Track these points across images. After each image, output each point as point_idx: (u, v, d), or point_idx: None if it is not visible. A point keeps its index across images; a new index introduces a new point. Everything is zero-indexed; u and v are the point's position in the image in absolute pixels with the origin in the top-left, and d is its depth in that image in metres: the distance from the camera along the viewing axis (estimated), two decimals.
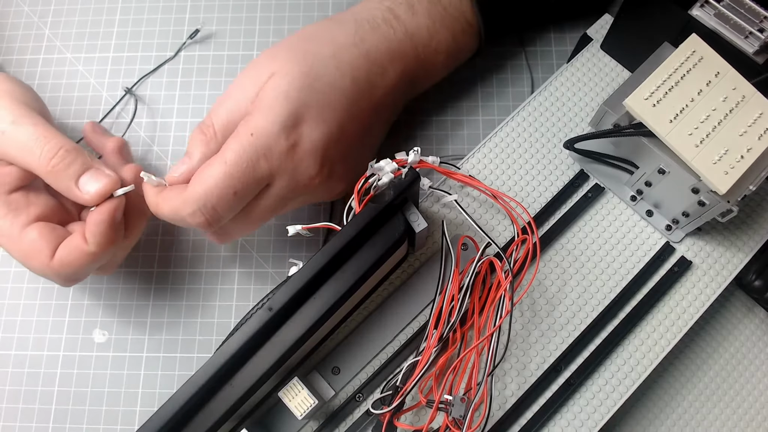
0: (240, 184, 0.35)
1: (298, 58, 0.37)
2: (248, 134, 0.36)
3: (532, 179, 0.41)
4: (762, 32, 0.35)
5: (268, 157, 0.36)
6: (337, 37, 0.39)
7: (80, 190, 0.37)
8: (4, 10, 0.53)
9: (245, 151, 0.35)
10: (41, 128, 0.37)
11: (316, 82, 0.37)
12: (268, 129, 0.36)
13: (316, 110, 0.37)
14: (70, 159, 0.37)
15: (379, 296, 0.38)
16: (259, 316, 0.31)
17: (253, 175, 0.36)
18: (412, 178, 0.33)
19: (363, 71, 0.39)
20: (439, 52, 0.43)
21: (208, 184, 0.35)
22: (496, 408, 0.36)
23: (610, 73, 0.43)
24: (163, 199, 0.37)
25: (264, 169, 0.36)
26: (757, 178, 0.34)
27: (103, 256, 0.37)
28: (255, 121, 0.36)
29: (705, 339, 0.42)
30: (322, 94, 0.37)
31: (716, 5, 0.36)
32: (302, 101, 0.36)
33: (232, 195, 0.35)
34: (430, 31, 0.42)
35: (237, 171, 0.35)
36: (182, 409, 0.30)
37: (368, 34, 0.40)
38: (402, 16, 0.41)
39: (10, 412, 0.43)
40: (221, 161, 0.35)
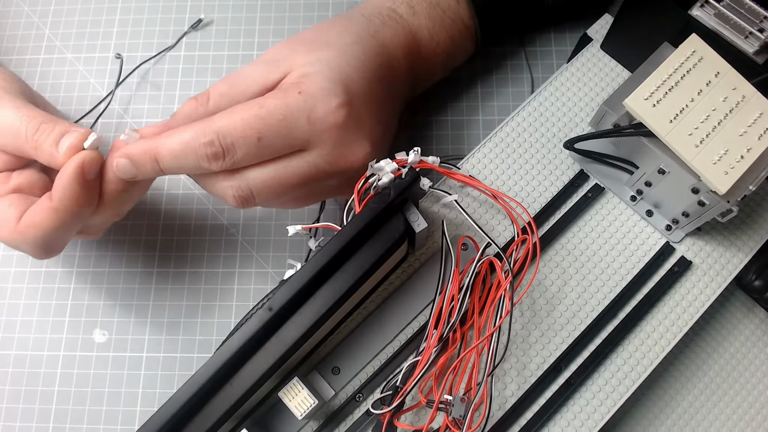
0: (270, 132, 0.33)
1: (322, 46, 0.37)
2: (296, 91, 0.34)
3: (532, 179, 0.41)
4: (762, 32, 0.35)
5: (312, 119, 0.34)
6: (353, 28, 0.39)
7: (58, 153, 0.35)
8: (4, 10, 0.53)
9: (287, 104, 0.34)
10: (23, 109, 0.36)
11: (350, 61, 0.36)
12: (318, 92, 0.34)
13: (360, 84, 0.36)
14: (50, 128, 0.35)
15: (379, 296, 0.38)
16: (259, 316, 0.31)
17: (287, 131, 0.34)
18: (412, 178, 0.33)
19: (383, 58, 0.39)
20: (438, 54, 0.43)
21: (233, 117, 0.33)
22: (496, 408, 0.36)
23: (610, 73, 0.43)
24: (168, 135, 0.34)
25: (303, 129, 0.34)
26: (757, 178, 0.34)
27: (71, 217, 0.35)
28: (303, 84, 0.34)
29: (705, 339, 0.42)
30: (361, 72, 0.36)
31: (716, 5, 0.36)
32: (346, 74, 0.35)
33: (256, 139, 0.33)
34: (430, 32, 0.42)
35: (270, 118, 0.33)
36: (182, 409, 0.30)
37: (379, 28, 0.40)
38: (404, 15, 0.42)
39: (10, 412, 0.43)
40: (256, 104, 0.34)
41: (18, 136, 0.35)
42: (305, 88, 0.34)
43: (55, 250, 0.37)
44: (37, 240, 0.35)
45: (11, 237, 0.35)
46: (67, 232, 0.36)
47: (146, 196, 0.48)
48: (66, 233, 0.36)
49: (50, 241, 0.36)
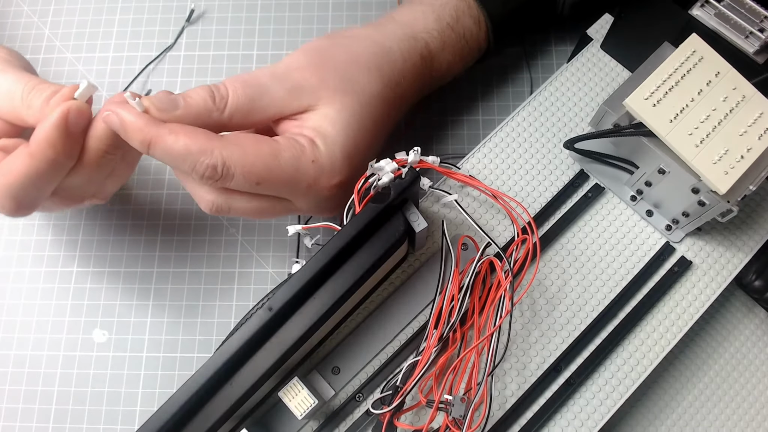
0: (271, 182, 0.34)
1: (349, 92, 0.37)
2: (310, 159, 0.35)
3: (532, 179, 0.41)
4: (762, 32, 0.35)
5: (311, 187, 0.36)
6: (384, 70, 0.39)
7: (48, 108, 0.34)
8: (4, 10, 0.53)
9: (297, 169, 0.35)
10: (23, 75, 0.36)
11: (366, 124, 0.37)
12: (326, 166, 0.35)
13: (362, 154, 0.37)
14: (43, 88, 0.35)
15: (379, 296, 0.38)
16: (259, 316, 0.31)
17: (287, 188, 0.35)
18: (412, 178, 0.33)
19: (396, 109, 0.40)
20: (447, 78, 0.44)
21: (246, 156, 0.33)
22: (496, 408, 0.36)
23: (610, 73, 0.43)
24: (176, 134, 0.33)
25: (300, 192, 0.36)
26: (757, 178, 0.34)
27: (47, 165, 0.33)
28: (320, 153, 0.35)
29: (705, 339, 0.42)
30: (370, 137, 0.38)
31: (716, 5, 0.36)
32: (355, 147, 0.37)
33: (255, 182, 0.34)
34: (450, 64, 0.43)
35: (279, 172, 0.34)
36: (182, 409, 0.30)
37: (408, 72, 0.40)
38: (434, 51, 0.42)
39: (10, 412, 0.43)
40: (271, 153, 0.34)
41: (14, 98, 0.35)
42: (317, 157, 0.35)
43: (26, 205, 0.35)
44: (8, 189, 0.34)
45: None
46: (41, 185, 0.34)
47: (146, 196, 0.48)
48: (39, 186, 0.34)
49: (22, 192, 0.34)
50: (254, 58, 0.51)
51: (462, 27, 0.42)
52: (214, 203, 0.36)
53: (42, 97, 0.34)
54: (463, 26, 0.42)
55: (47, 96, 0.34)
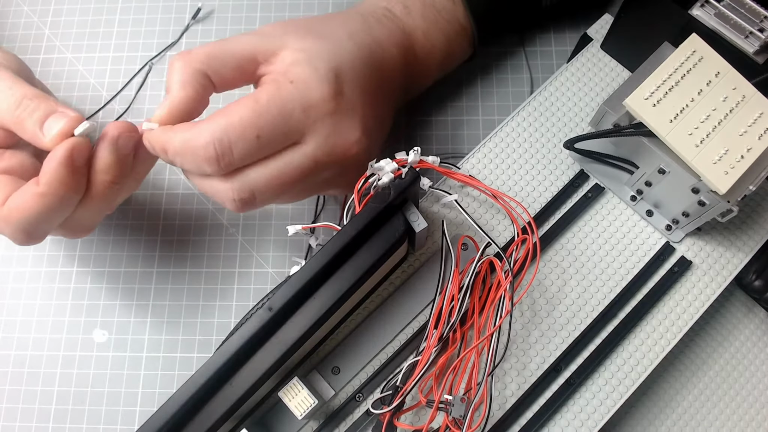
0: (267, 127, 0.33)
1: (316, 36, 0.37)
2: (287, 81, 0.34)
3: (532, 179, 0.41)
4: (762, 32, 0.35)
5: (305, 108, 0.34)
6: (348, 23, 0.39)
7: (44, 135, 0.34)
8: (4, 10, 0.53)
9: (281, 96, 0.33)
10: (7, 81, 0.35)
11: (343, 53, 0.36)
12: (310, 80, 0.34)
13: (351, 75, 0.36)
14: (34, 106, 0.34)
15: (379, 296, 0.38)
16: (259, 316, 0.31)
17: (283, 123, 0.33)
18: (412, 178, 0.33)
19: (377, 54, 0.39)
20: (434, 54, 0.44)
21: (231, 118, 0.33)
22: (496, 408, 0.36)
23: (610, 73, 0.43)
24: (174, 130, 0.34)
25: (298, 120, 0.34)
26: (757, 178, 0.34)
27: (58, 202, 0.34)
28: (295, 72, 0.34)
29: (705, 339, 0.42)
30: (352, 64, 0.36)
31: (716, 5, 0.36)
32: (338, 64, 0.35)
33: (255, 138, 0.33)
34: (425, 32, 0.43)
35: (267, 113, 0.33)
36: (182, 409, 0.30)
37: (375, 25, 0.41)
38: (398, 15, 0.42)
39: (10, 412, 0.43)
40: (252, 99, 0.33)
41: (4, 109, 0.34)
42: (296, 77, 0.34)
43: (36, 236, 0.36)
44: (20, 224, 0.34)
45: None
46: (52, 219, 0.35)
47: (146, 196, 0.48)
48: (50, 220, 0.35)
49: (33, 227, 0.35)
50: None
51: None
52: (237, 192, 0.35)
53: (33, 118, 0.34)
54: None
55: (39, 117, 0.34)
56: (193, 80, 0.35)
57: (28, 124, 0.34)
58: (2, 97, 0.34)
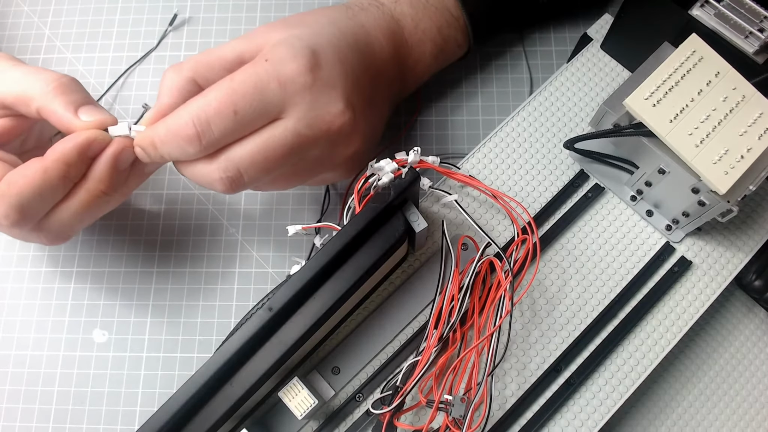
0: (243, 102, 0.33)
1: (298, 25, 0.37)
2: (263, 59, 0.34)
3: (532, 179, 0.41)
4: (762, 32, 0.35)
5: (281, 81, 0.34)
6: (330, 12, 0.40)
7: (77, 117, 0.35)
8: (4, 10, 0.53)
9: (256, 73, 0.34)
10: (38, 67, 0.37)
11: (323, 36, 0.37)
12: (285, 56, 0.34)
13: (330, 51, 0.36)
14: (73, 87, 0.36)
15: (379, 296, 0.38)
16: (259, 316, 0.31)
17: (260, 98, 0.34)
18: (412, 178, 0.33)
19: (362, 37, 0.40)
20: (425, 42, 0.43)
21: (207, 97, 0.34)
22: (496, 408, 0.36)
23: (610, 73, 0.43)
24: (160, 121, 0.35)
25: (275, 94, 0.34)
26: (757, 178, 0.34)
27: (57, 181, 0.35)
28: (271, 51, 0.35)
29: (705, 339, 0.42)
30: (332, 44, 0.37)
31: (716, 5, 0.36)
32: (315, 43, 0.36)
33: (232, 113, 0.33)
34: (414, 19, 0.43)
35: (242, 88, 0.33)
36: (182, 409, 0.30)
37: (359, 13, 0.41)
38: (386, 2, 0.43)
39: (10, 412, 0.43)
40: (228, 78, 0.34)
41: (29, 83, 0.36)
42: (272, 55, 0.35)
43: (29, 216, 0.36)
44: (17, 198, 0.34)
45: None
46: (48, 197, 0.35)
47: (146, 196, 0.48)
48: (46, 198, 0.35)
49: (29, 203, 0.35)
50: None
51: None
52: (222, 171, 0.35)
53: (71, 98, 0.36)
54: None
55: (77, 100, 0.36)
56: (181, 87, 0.36)
57: (63, 100, 0.35)
58: (35, 76, 0.36)
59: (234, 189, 0.36)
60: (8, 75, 0.37)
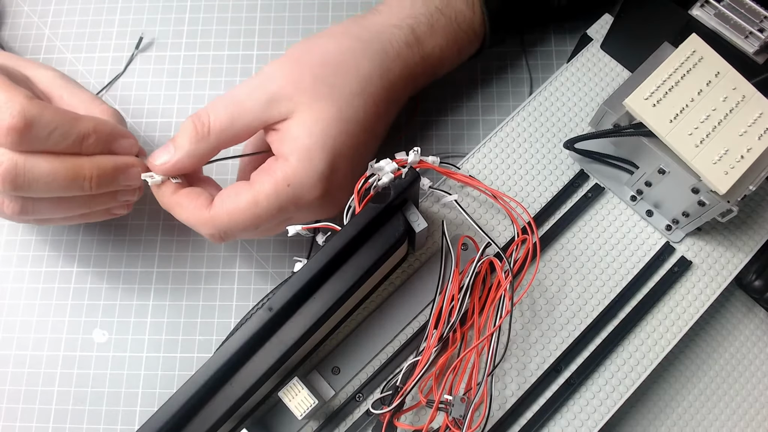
0: (265, 223, 0.37)
1: (325, 95, 0.37)
2: (285, 184, 0.36)
3: (532, 179, 0.41)
4: (762, 32, 0.35)
5: (298, 204, 0.37)
6: (363, 67, 0.38)
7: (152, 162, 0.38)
8: (4, 10, 0.53)
9: (279, 199, 0.36)
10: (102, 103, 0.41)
11: (348, 126, 0.37)
12: (306, 182, 0.36)
13: (347, 157, 0.37)
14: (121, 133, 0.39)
15: (379, 296, 0.38)
16: (259, 316, 0.31)
17: (278, 217, 0.37)
18: (412, 178, 0.33)
19: (384, 103, 0.40)
20: (444, 66, 0.44)
21: (233, 217, 0.36)
22: (496, 408, 0.36)
23: (610, 73, 0.43)
24: (179, 205, 0.38)
25: (291, 212, 0.37)
26: (757, 178, 0.34)
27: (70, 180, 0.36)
28: (294, 173, 0.36)
29: (705, 339, 0.42)
30: (355, 138, 0.38)
31: (716, 5, 0.36)
32: (337, 150, 0.37)
33: (254, 228, 0.37)
34: (443, 50, 0.42)
35: (266, 213, 0.36)
36: (182, 409, 0.30)
37: (393, 63, 0.40)
38: (421, 37, 0.41)
39: (10, 412, 0.43)
40: (252, 200, 0.36)
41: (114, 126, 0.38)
42: (293, 176, 0.36)
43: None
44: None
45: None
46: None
47: (146, 196, 0.47)
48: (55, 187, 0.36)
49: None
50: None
51: (453, 10, 0.42)
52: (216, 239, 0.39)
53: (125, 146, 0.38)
54: (454, 10, 0.42)
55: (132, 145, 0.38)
56: (203, 154, 0.37)
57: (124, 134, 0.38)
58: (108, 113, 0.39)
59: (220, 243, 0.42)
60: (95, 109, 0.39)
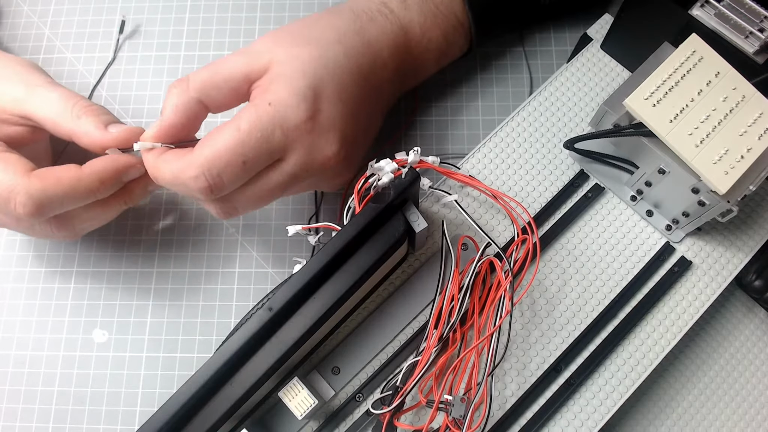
0: (252, 152, 0.34)
1: (304, 43, 0.37)
2: (266, 103, 0.34)
3: (532, 179, 0.41)
4: (762, 32, 0.35)
5: (284, 128, 0.35)
6: (338, 24, 0.39)
7: (108, 132, 0.37)
8: (4, 10, 0.53)
9: (261, 120, 0.34)
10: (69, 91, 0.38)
11: (328, 63, 0.37)
12: (288, 99, 0.35)
13: (332, 88, 0.36)
14: (102, 110, 0.38)
15: (379, 296, 0.38)
16: (259, 316, 0.31)
17: (266, 146, 0.35)
18: (412, 178, 0.33)
19: (366, 58, 0.39)
20: (430, 50, 0.43)
21: (216, 148, 0.34)
22: (496, 408, 0.36)
23: (610, 73, 0.43)
24: (164, 161, 0.35)
25: (279, 140, 0.35)
26: (757, 178, 0.34)
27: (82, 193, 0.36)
28: (274, 91, 0.35)
29: (705, 339, 0.42)
30: (335, 75, 0.37)
31: (716, 5, 0.36)
32: (319, 78, 0.36)
33: (241, 164, 0.34)
34: (422, 28, 0.42)
35: (250, 139, 0.34)
36: (182, 409, 0.30)
37: (367, 24, 0.40)
38: (395, 9, 0.42)
39: (10, 412, 0.43)
40: (234, 127, 0.34)
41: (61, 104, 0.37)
42: (274, 97, 0.35)
43: (43, 213, 0.36)
44: (41, 194, 0.35)
45: (12, 182, 0.35)
46: (66, 204, 0.37)
47: None
48: (66, 202, 0.37)
49: (50, 201, 0.36)
50: None
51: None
52: (220, 210, 0.37)
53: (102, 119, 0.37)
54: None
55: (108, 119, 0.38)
56: (186, 107, 0.36)
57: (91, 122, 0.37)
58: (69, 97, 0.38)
59: (227, 218, 0.39)
60: (44, 95, 0.38)
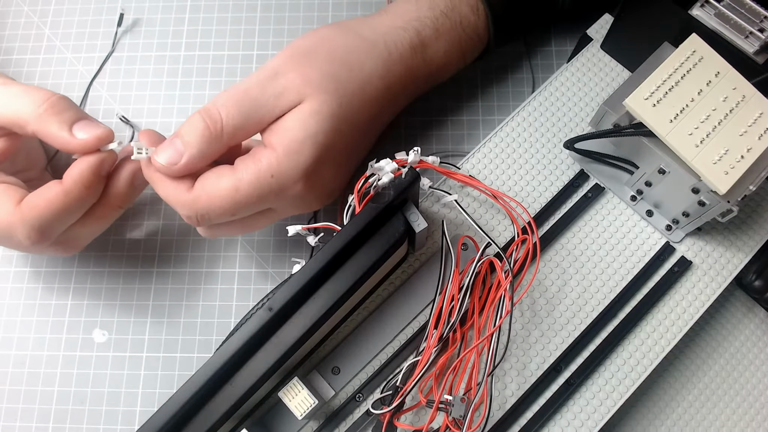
0: (242, 210, 0.36)
1: (330, 90, 0.36)
2: (269, 174, 0.35)
3: (532, 179, 0.41)
4: (762, 32, 0.35)
5: (280, 196, 0.36)
6: (367, 65, 0.38)
7: (73, 136, 0.36)
8: (4, 10, 0.53)
9: (261, 188, 0.35)
10: (27, 86, 0.37)
11: (342, 124, 0.37)
12: (290, 175, 0.35)
13: (335, 155, 0.37)
14: (63, 106, 0.36)
15: (379, 296, 0.38)
16: (259, 316, 0.31)
17: (258, 206, 0.36)
18: (412, 178, 0.33)
19: (380, 103, 0.40)
20: (449, 71, 0.44)
21: (212, 201, 0.35)
22: (496, 408, 0.36)
23: (610, 73, 0.43)
24: (162, 183, 0.36)
25: (271, 202, 0.36)
26: (757, 178, 0.34)
27: (76, 204, 0.36)
28: (279, 164, 0.35)
29: (705, 339, 0.42)
30: (346, 137, 0.37)
31: (716, 5, 0.36)
32: (327, 146, 0.36)
33: (230, 215, 0.36)
34: (447, 55, 0.42)
35: (245, 201, 0.35)
36: (182, 409, 0.30)
37: (395, 65, 0.40)
38: (426, 41, 0.41)
39: (10, 412, 0.43)
40: (233, 186, 0.35)
41: (21, 103, 0.36)
42: (278, 171, 0.35)
43: (48, 236, 0.37)
44: (38, 221, 0.36)
45: (7, 218, 0.36)
46: (66, 219, 0.37)
47: (146, 195, 0.48)
48: (65, 219, 0.37)
49: (49, 224, 0.36)
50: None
51: (458, 14, 0.42)
52: (204, 233, 0.39)
53: (64, 117, 0.36)
54: (460, 14, 0.42)
55: (70, 118, 0.36)
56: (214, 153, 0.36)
57: (55, 120, 0.36)
58: (26, 94, 0.36)
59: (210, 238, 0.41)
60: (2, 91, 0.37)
